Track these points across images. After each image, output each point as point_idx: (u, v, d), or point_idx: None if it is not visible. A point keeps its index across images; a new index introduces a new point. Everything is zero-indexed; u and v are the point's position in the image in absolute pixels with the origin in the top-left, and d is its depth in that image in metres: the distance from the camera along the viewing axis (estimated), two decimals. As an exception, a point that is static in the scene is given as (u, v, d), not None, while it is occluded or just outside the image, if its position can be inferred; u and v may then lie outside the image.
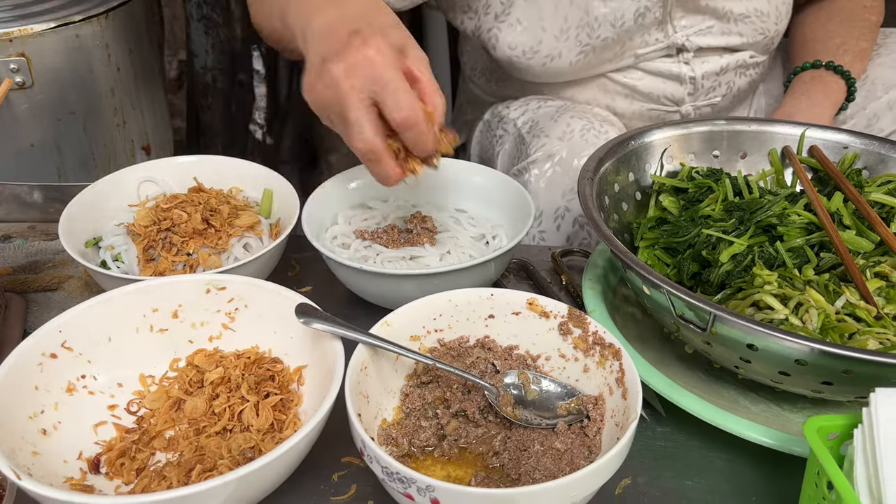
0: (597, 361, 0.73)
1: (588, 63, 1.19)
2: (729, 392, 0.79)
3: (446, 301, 0.76)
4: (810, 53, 1.24)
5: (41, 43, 1.07)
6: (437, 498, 0.58)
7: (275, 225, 0.95)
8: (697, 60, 1.23)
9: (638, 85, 1.24)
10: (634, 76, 1.24)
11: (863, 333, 0.71)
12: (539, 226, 1.18)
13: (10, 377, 0.66)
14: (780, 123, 1.00)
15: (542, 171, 1.14)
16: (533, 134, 1.20)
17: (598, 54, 1.18)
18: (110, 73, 1.17)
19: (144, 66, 1.25)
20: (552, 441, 0.69)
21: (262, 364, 0.76)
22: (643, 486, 0.71)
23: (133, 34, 1.19)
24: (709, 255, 0.84)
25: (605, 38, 1.15)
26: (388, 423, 0.72)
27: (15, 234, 1.05)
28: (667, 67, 1.23)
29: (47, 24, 1.06)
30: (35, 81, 1.08)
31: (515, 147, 1.25)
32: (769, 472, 0.72)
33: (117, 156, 1.23)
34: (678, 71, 1.23)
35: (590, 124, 1.15)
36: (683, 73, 1.23)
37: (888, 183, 0.92)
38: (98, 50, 1.13)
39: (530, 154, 1.17)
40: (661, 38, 1.19)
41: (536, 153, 1.16)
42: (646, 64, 1.22)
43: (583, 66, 1.19)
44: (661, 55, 1.22)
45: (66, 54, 1.10)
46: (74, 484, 0.66)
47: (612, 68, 1.22)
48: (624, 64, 1.22)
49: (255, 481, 0.59)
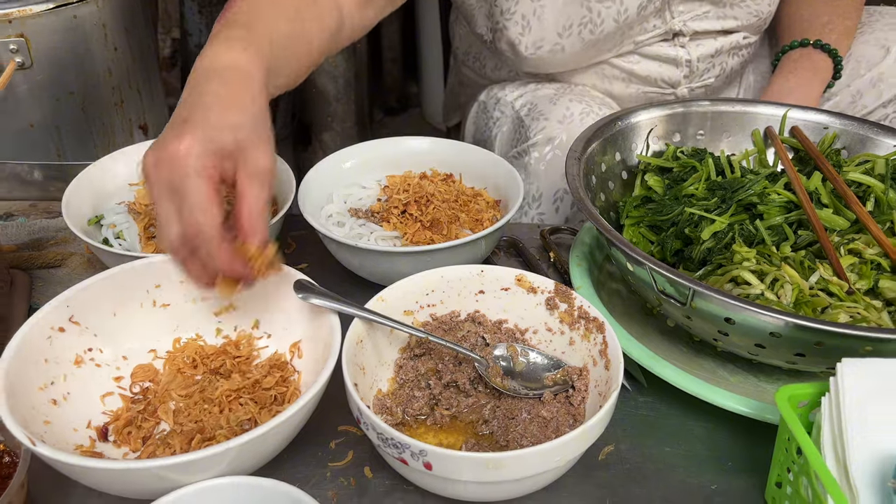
0: (581, 334, 0.76)
1: (588, 55, 1.22)
2: (708, 364, 0.83)
3: (439, 277, 0.80)
4: (798, 32, 1.27)
5: (40, 24, 1.09)
6: (429, 462, 0.61)
7: (271, 203, 0.97)
8: (693, 44, 1.25)
9: (635, 69, 1.27)
10: (632, 60, 1.26)
11: (835, 307, 0.74)
12: (538, 207, 1.21)
13: (21, 350, 0.69)
14: (762, 104, 1.03)
15: (542, 154, 1.18)
16: (532, 117, 1.23)
17: (598, 46, 1.20)
18: (108, 53, 1.18)
19: (141, 45, 1.27)
20: (539, 410, 0.73)
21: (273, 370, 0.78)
22: (625, 452, 0.75)
23: (129, 14, 1.21)
24: (691, 232, 0.88)
25: (607, 32, 1.17)
26: (383, 394, 0.75)
27: (17, 212, 1.08)
28: (664, 51, 1.25)
29: (46, 4, 1.08)
30: (34, 62, 1.10)
31: (514, 129, 1.28)
32: (744, 438, 0.76)
33: (115, 135, 1.25)
34: (675, 54, 1.25)
35: (588, 108, 1.18)
36: (680, 57, 1.25)
37: (866, 163, 0.95)
38: (96, 30, 1.14)
39: (530, 137, 1.19)
40: (658, 25, 1.21)
41: (536, 136, 1.18)
42: (643, 49, 1.25)
43: (583, 58, 1.22)
44: (658, 40, 1.25)
45: (65, 34, 1.12)
46: (85, 451, 0.69)
47: (611, 56, 1.25)
48: (624, 51, 1.25)
49: (254, 448, 0.63)
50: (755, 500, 0.70)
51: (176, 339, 0.81)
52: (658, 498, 0.70)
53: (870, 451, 0.58)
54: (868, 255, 0.81)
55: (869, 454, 0.58)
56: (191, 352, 0.80)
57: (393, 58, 2.44)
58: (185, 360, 0.80)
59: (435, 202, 0.93)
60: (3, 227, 1.03)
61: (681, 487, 0.72)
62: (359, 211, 0.96)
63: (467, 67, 1.48)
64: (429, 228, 0.90)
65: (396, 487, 0.71)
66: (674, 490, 0.71)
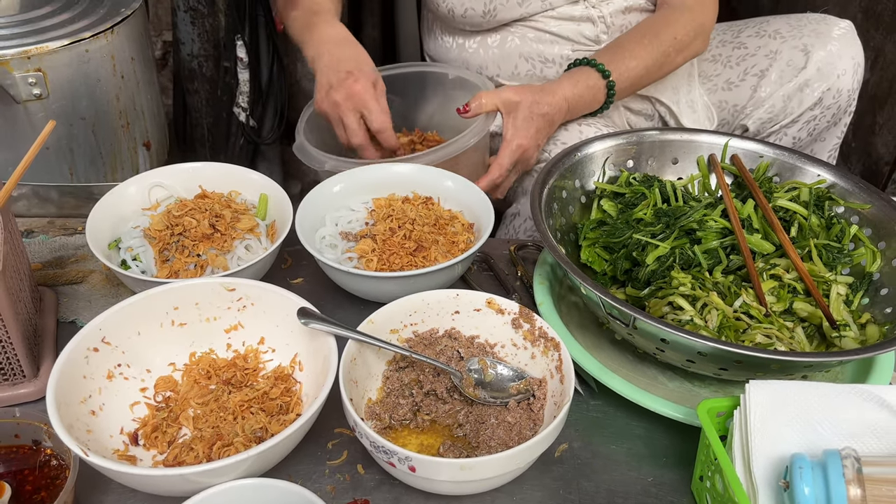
0: (541, 350, 0.89)
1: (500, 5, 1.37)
2: (651, 371, 0.97)
3: (420, 300, 0.92)
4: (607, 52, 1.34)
5: (55, 59, 1.19)
6: (413, 465, 0.75)
7: (270, 226, 1.09)
8: (602, 2, 1.40)
9: (556, 30, 1.41)
10: (552, 25, 1.41)
11: (753, 329, 0.88)
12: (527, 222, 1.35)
13: (64, 370, 0.81)
14: (706, 133, 1.16)
15: (537, 169, 1.31)
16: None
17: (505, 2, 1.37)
18: (116, 81, 1.29)
19: (144, 71, 1.38)
20: (505, 415, 0.86)
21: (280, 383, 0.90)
22: (577, 449, 0.89)
23: (136, 45, 1.32)
24: (638, 255, 1.01)
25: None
26: (372, 402, 0.88)
27: (36, 230, 1.19)
28: (577, 12, 1.40)
29: (61, 41, 1.18)
30: (50, 93, 1.21)
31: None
32: (678, 438, 0.90)
33: (122, 153, 1.36)
34: (587, 13, 1.40)
35: (573, 126, 1.32)
36: (592, 15, 1.40)
37: (794, 189, 1.08)
38: (105, 61, 1.25)
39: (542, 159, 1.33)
40: None
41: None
42: (558, 10, 1.40)
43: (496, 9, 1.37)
44: (567, 2, 1.39)
45: (78, 67, 1.23)
46: (121, 454, 0.82)
47: (523, 12, 1.39)
48: (533, 9, 1.38)
49: (268, 454, 0.75)
50: (684, 490, 0.84)
51: (192, 354, 0.93)
52: (604, 490, 0.84)
53: (768, 457, 0.72)
54: (786, 279, 0.94)
55: (767, 459, 0.72)
56: (205, 365, 0.92)
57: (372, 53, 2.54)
58: (200, 371, 0.92)
59: (416, 227, 1.05)
60: (28, 244, 1.14)
61: (623, 480, 0.86)
62: (349, 234, 1.08)
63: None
64: (412, 254, 1.02)
65: (385, 482, 0.84)
66: (617, 482, 0.85)
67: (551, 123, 1.28)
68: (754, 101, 1.45)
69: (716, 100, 1.50)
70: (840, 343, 0.91)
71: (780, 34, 1.44)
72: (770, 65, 1.43)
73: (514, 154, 1.25)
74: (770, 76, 1.43)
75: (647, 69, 1.32)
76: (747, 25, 1.51)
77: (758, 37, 1.47)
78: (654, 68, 1.33)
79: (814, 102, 1.42)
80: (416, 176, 1.17)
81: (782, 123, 1.45)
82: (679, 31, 1.32)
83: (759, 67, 1.45)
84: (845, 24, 1.43)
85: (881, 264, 0.98)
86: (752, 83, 1.45)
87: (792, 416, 0.73)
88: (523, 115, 1.25)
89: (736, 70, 1.48)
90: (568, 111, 1.29)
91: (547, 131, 1.28)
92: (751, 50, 1.47)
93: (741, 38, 1.49)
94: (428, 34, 1.58)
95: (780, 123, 1.45)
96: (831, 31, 1.41)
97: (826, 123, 1.48)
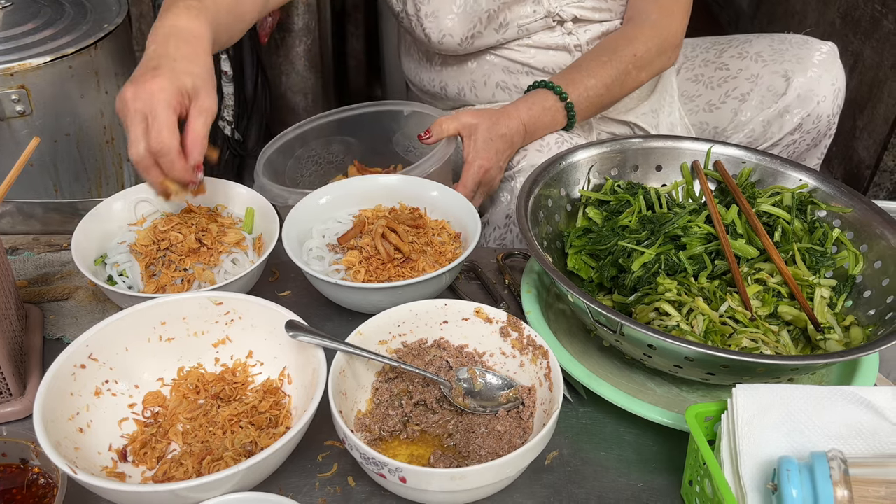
0: (530, 359, 0.90)
1: (475, 32, 1.37)
2: (639, 377, 0.97)
3: (408, 311, 0.93)
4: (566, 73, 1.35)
5: (39, 75, 1.19)
6: (404, 476, 0.75)
7: (257, 240, 1.09)
8: (580, 30, 1.41)
9: (531, 62, 1.42)
10: (528, 55, 1.41)
11: (739, 333, 0.89)
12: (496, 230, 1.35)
13: (51, 388, 0.81)
14: (688, 140, 1.17)
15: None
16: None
17: (484, 25, 1.36)
18: (100, 97, 1.29)
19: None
20: (494, 424, 0.86)
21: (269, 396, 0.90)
22: (567, 456, 0.89)
23: (119, 60, 1.32)
24: (624, 262, 1.01)
25: (487, 9, 1.33)
26: (362, 413, 0.88)
27: (21, 247, 1.18)
28: (553, 40, 1.41)
29: (44, 57, 1.18)
30: (34, 109, 1.21)
31: None
32: (667, 443, 0.90)
33: (107, 168, 1.36)
34: (563, 42, 1.41)
35: (560, 136, 1.32)
36: (569, 43, 1.41)
37: (777, 194, 1.10)
38: (89, 77, 1.25)
39: (513, 165, 1.33)
40: (538, 10, 1.37)
41: (520, 163, 1.32)
42: (534, 38, 1.40)
43: (473, 37, 1.37)
44: (544, 27, 1.40)
45: (62, 84, 1.23)
46: (109, 471, 0.82)
47: (500, 38, 1.39)
48: (510, 35, 1.39)
49: (258, 469, 0.75)
50: (674, 495, 0.85)
51: (180, 369, 0.93)
52: (594, 496, 0.85)
53: (756, 460, 0.73)
54: (771, 283, 0.95)
55: (755, 462, 0.73)
56: (193, 379, 0.92)
57: (357, 65, 2.55)
58: (188, 386, 0.92)
59: (406, 239, 1.05)
60: (13, 261, 1.13)
61: (613, 486, 0.86)
62: (336, 247, 1.08)
63: (416, 94, 1.63)
64: (399, 265, 1.03)
65: (375, 493, 0.84)
66: (607, 489, 0.86)
67: (511, 144, 1.28)
68: (735, 125, 1.47)
69: (696, 121, 1.52)
70: (825, 346, 0.92)
71: (761, 57, 1.46)
72: (751, 89, 1.44)
73: (477, 175, 1.25)
74: (751, 101, 1.44)
75: (606, 87, 1.33)
76: (730, 45, 1.53)
77: (740, 58, 1.48)
78: (615, 86, 1.34)
79: (794, 128, 1.44)
80: (402, 187, 1.17)
81: (763, 147, 1.47)
82: (639, 48, 1.34)
83: (740, 91, 1.46)
84: (826, 48, 1.44)
85: (863, 267, 0.99)
86: (733, 106, 1.47)
87: (779, 419, 0.74)
88: (483, 137, 1.25)
89: (717, 91, 1.49)
90: (525, 133, 1.29)
91: (507, 152, 1.28)
92: (732, 72, 1.48)
93: (723, 58, 1.51)
94: (406, 55, 1.59)
95: (760, 146, 1.47)
96: (812, 57, 1.43)
97: (806, 146, 1.50)
